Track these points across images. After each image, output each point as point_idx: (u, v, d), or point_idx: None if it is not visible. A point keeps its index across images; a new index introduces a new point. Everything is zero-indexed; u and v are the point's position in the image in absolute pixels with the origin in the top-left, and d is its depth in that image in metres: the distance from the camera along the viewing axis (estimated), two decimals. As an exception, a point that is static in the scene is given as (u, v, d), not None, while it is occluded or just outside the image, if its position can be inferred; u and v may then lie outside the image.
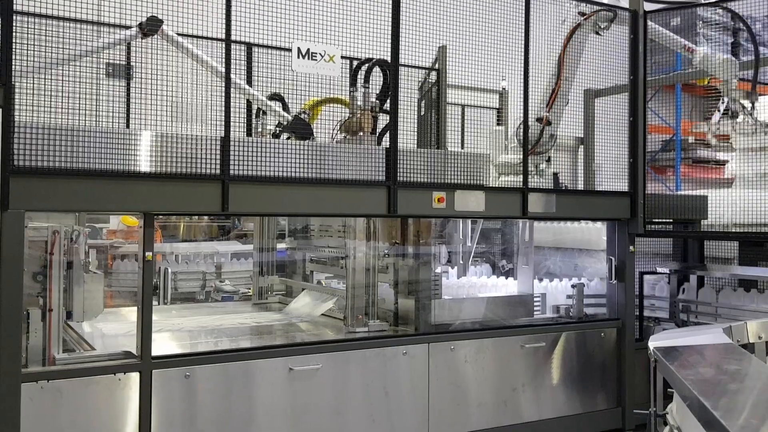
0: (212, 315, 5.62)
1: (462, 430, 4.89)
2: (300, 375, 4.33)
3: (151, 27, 4.23)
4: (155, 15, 4.09)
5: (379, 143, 4.79)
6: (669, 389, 2.95)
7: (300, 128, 4.59)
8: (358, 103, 4.72)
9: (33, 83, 3.68)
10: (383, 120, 4.83)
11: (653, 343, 3.09)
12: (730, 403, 2.13)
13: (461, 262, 5.80)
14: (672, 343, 3.08)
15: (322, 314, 5.44)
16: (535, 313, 5.47)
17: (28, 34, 3.62)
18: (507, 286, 5.91)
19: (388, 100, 4.65)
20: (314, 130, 4.74)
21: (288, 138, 4.71)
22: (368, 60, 4.73)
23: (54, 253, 3.76)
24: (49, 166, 3.59)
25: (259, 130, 5.04)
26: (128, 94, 4.85)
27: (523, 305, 5.45)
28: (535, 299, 5.51)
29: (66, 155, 3.62)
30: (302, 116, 4.69)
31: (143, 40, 4.26)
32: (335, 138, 4.80)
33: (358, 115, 4.68)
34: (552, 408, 5.30)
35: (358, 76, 4.76)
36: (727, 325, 3.39)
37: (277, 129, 5.06)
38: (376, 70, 4.78)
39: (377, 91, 4.77)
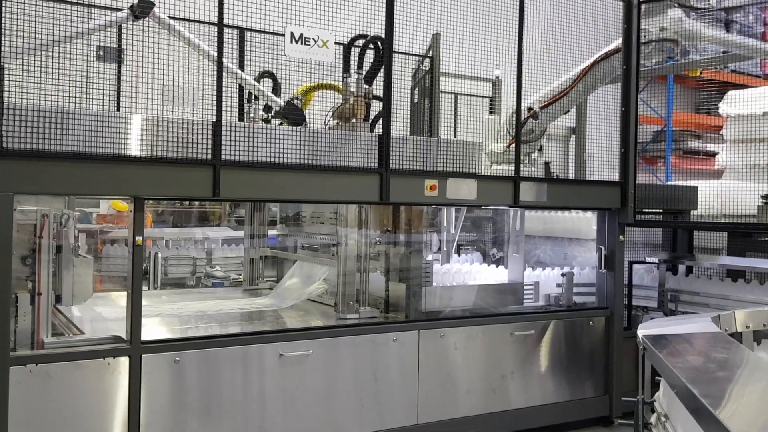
0: (202, 300, 5.61)
1: (451, 416, 4.92)
2: (290, 361, 4.34)
3: (142, 10, 4.18)
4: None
5: (372, 130, 4.77)
6: (656, 377, 2.97)
7: (293, 114, 4.56)
8: (351, 89, 4.70)
9: (22, 64, 3.64)
10: (376, 108, 4.82)
11: (642, 331, 3.11)
12: (718, 391, 2.14)
13: (444, 249, 5.83)
14: (661, 331, 3.10)
15: (313, 300, 5.43)
16: (527, 301, 5.49)
17: (17, 14, 3.57)
18: (497, 274, 5.93)
19: (382, 87, 4.63)
20: (306, 116, 4.72)
21: (280, 123, 4.69)
22: (362, 36, 4.66)
23: (43, 236, 3.73)
24: (38, 149, 3.55)
25: (252, 115, 5.01)
26: (119, 77, 4.80)
27: (512, 293, 5.47)
28: (527, 287, 5.53)
29: (56, 138, 3.58)
30: (295, 102, 4.66)
31: (134, 23, 4.22)
32: (328, 124, 4.78)
33: (351, 102, 4.65)
34: (540, 395, 5.34)
35: (351, 60, 4.73)
36: (716, 315, 3.41)
37: (268, 115, 5.03)
38: (368, 55, 4.75)
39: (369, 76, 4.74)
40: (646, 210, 6.18)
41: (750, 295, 5.59)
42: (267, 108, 5.01)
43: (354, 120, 4.66)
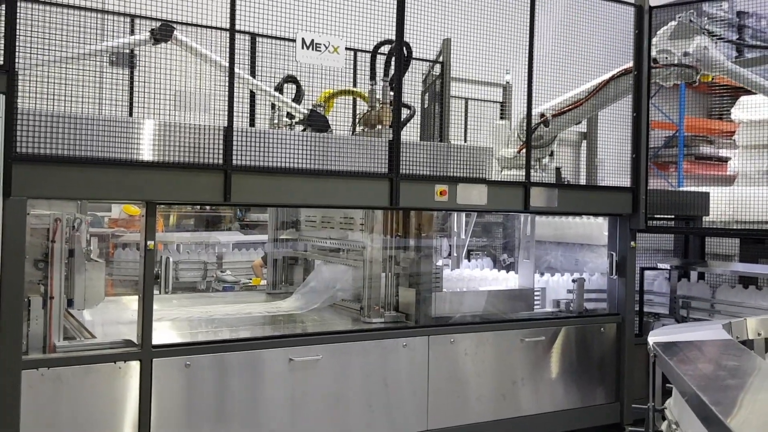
0: (213, 305, 5.63)
1: (461, 423, 4.91)
2: (300, 366, 4.34)
3: (163, 34, 4.21)
4: (167, 21, 4.07)
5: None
6: (668, 384, 2.96)
7: (317, 121, 4.59)
8: (378, 96, 4.72)
9: (37, 70, 3.67)
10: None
11: (653, 338, 3.10)
12: (728, 399, 2.13)
13: (455, 254, 5.83)
14: (672, 338, 3.09)
15: (336, 303, 5.42)
16: (535, 307, 5.48)
17: (32, 20, 3.61)
18: (508, 280, 5.92)
19: (392, 93, 4.64)
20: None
21: (303, 130, 4.71)
22: (388, 41, 4.67)
23: (56, 240, 3.76)
24: (51, 154, 3.59)
25: (275, 121, 5.03)
26: (131, 83, 4.84)
27: (523, 299, 5.45)
28: (535, 293, 5.52)
29: (69, 143, 3.62)
30: (318, 109, 4.69)
31: (154, 46, 4.24)
32: (355, 132, 4.80)
33: (378, 109, 4.68)
34: (551, 402, 5.32)
35: (377, 67, 4.75)
36: (727, 322, 3.39)
37: (291, 121, 5.05)
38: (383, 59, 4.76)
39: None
40: (658, 216, 6.15)
41: (762, 302, 5.54)
42: (289, 115, 5.04)
43: (379, 126, 4.68)
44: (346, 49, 4.45)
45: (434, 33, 5.03)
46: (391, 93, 4.69)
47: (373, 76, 4.83)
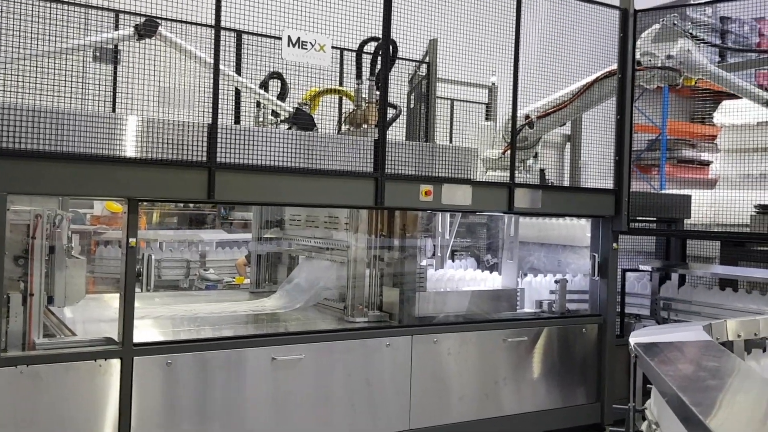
0: (195, 303, 5.60)
1: (443, 422, 4.92)
2: (283, 365, 4.33)
3: (147, 29, 4.17)
4: (151, 17, 4.03)
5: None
6: (648, 385, 2.98)
7: (302, 120, 4.57)
8: (364, 95, 4.71)
9: (18, 64, 3.63)
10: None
11: (634, 339, 3.12)
12: (708, 400, 2.15)
13: (439, 255, 5.85)
14: (653, 339, 3.11)
15: (320, 302, 5.41)
16: (516, 307, 5.50)
17: (13, 13, 3.57)
18: (489, 280, 5.94)
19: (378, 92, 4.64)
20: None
21: (289, 128, 4.69)
22: (374, 38, 4.66)
23: (36, 237, 3.72)
24: (32, 149, 3.55)
25: (260, 119, 5.01)
26: (115, 78, 4.80)
27: (506, 299, 5.48)
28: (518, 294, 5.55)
29: (50, 138, 3.58)
30: (304, 108, 4.67)
31: (138, 42, 4.20)
32: (341, 131, 4.79)
33: (364, 108, 4.67)
34: (532, 402, 5.34)
35: (363, 66, 4.73)
36: (707, 323, 3.42)
37: (277, 120, 5.03)
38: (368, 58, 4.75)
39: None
40: (640, 218, 6.20)
41: (738, 304, 5.61)
42: (275, 113, 5.02)
43: (365, 125, 4.67)
44: (333, 48, 4.44)
45: (421, 33, 5.03)
46: (377, 92, 4.68)
47: (359, 75, 4.83)
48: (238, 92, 5.20)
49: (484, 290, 5.61)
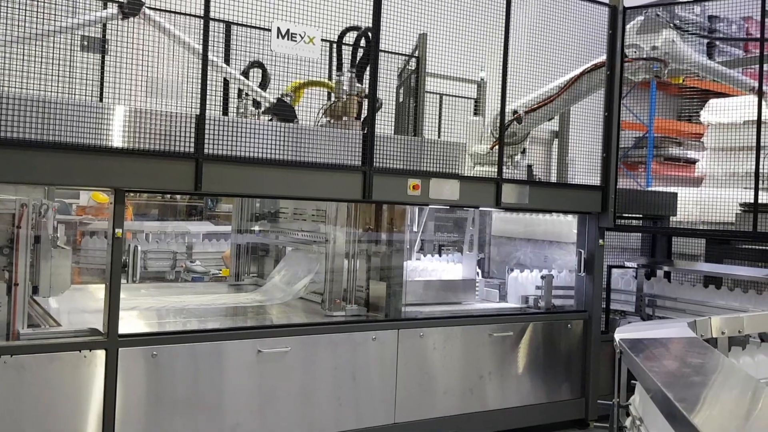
0: (182, 295, 5.57)
1: (428, 416, 4.93)
2: (268, 357, 4.32)
3: (132, 8, 4.13)
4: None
5: (363, 129, 4.76)
6: (632, 381, 3.00)
7: (284, 111, 4.54)
8: (344, 87, 4.69)
9: (3, 52, 3.58)
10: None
11: (619, 334, 3.13)
12: (692, 396, 2.17)
13: (407, 247, 5.95)
14: (638, 335, 3.13)
15: (301, 297, 5.40)
16: (469, 296, 5.80)
17: None
18: (450, 271, 6.19)
19: (367, 85, 4.62)
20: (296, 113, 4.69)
21: (270, 119, 4.66)
22: (354, 27, 4.64)
23: (21, 226, 3.69)
24: (18, 138, 3.51)
25: (242, 110, 4.97)
26: (102, 67, 4.75)
27: (463, 289, 5.80)
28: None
29: (36, 127, 3.54)
30: (285, 99, 4.64)
31: (123, 20, 4.16)
32: (319, 122, 4.76)
33: (344, 100, 4.65)
34: (517, 396, 5.37)
35: (343, 57, 4.71)
36: (692, 320, 3.45)
37: (258, 111, 4.99)
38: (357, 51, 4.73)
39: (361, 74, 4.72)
40: (627, 215, 6.24)
41: (721, 301, 5.66)
42: (256, 104, 4.99)
43: (346, 118, 4.65)
44: (323, 40, 4.42)
45: (410, 28, 5.02)
46: (359, 84, 4.67)
47: (339, 67, 4.80)
48: (226, 83, 5.17)
49: (445, 280, 5.93)
